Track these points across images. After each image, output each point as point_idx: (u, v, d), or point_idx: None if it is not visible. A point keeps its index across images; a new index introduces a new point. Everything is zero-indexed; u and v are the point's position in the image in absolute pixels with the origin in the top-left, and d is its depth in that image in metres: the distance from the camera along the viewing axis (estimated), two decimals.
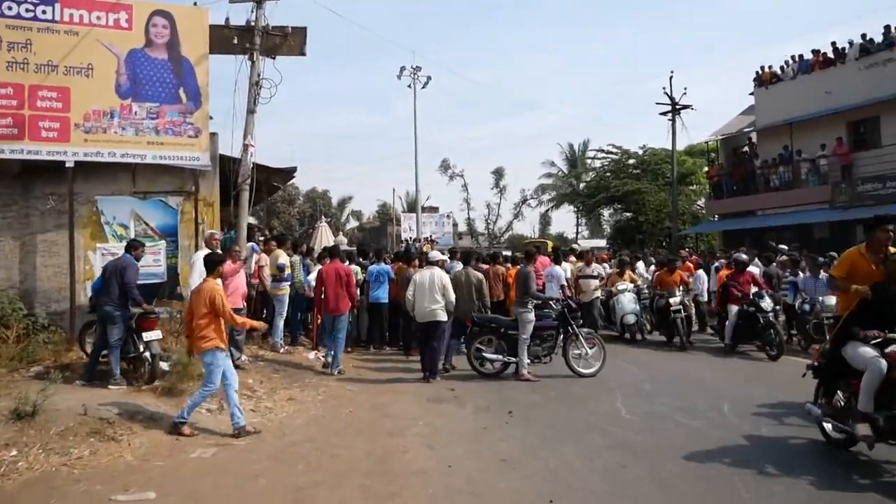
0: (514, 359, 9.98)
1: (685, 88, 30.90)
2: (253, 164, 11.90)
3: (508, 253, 20.28)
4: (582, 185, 46.57)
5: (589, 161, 47.40)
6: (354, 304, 11.53)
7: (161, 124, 11.26)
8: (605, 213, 46.84)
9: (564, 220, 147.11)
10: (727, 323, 12.26)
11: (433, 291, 9.95)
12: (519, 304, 10.04)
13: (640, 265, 16.42)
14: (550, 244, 27.86)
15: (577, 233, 56.03)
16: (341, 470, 5.95)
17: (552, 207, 54.38)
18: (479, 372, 10.15)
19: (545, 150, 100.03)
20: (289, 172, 14.64)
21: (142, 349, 8.67)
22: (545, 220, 58.56)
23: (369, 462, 6.16)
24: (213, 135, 11.77)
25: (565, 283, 12.93)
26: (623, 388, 9.20)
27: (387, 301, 12.73)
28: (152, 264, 11.20)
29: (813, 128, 23.67)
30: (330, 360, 10.59)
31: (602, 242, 39.58)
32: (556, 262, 13.51)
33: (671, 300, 12.89)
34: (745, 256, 13.22)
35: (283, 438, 6.94)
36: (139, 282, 10.48)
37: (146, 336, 8.58)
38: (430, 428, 7.32)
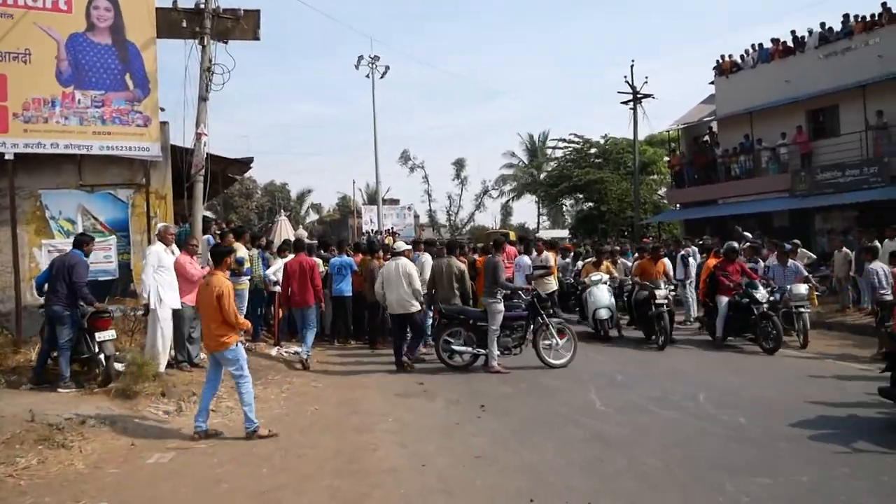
0: (483, 350, 9.75)
1: (646, 77, 30.73)
2: (207, 154, 11.41)
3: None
4: (543, 175, 46.70)
5: (549, 151, 47.62)
6: (320, 298, 11.33)
7: (107, 113, 10.66)
8: (567, 203, 47.13)
9: (526, 211, 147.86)
10: (718, 315, 11.47)
11: (400, 282, 9.87)
12: (488, 295, 9.80)
13: (622, 260, 15.61)
14: (513, 234, 27.78)
15: (539, 223, 56.43)
16: (308, 471, 5.64)
17: (513, 198, 54.60)
18: (448, 364, 9.90)
19: (506, 141, 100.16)
20: (245, 163, 14.12)
21: (95, 350, 8.16)
22: (506, 211, 58.90)
23: (338, 461, 5.85)
24: (164, 124, 11.22)
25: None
26: (596, 379, 9.04)
27: (350, 294, 12.46)
28: (103, 260, 10.64)
29: (773, 116, 23.88)
30: (305, 357, 10.45)
31: (564, 233, 39.74)
32: (526, 251, 13.31)
33: (657, 293, 11.46)
34: (735, 244, 12.67)
35: (244, 440, 6.57)
36: (90, 279, 10.00)
37: (99, 336, 8.08)
38: (400, 424, 7.05)
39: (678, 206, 30.05)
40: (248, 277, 11.36)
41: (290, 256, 12.00)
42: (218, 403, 7.90)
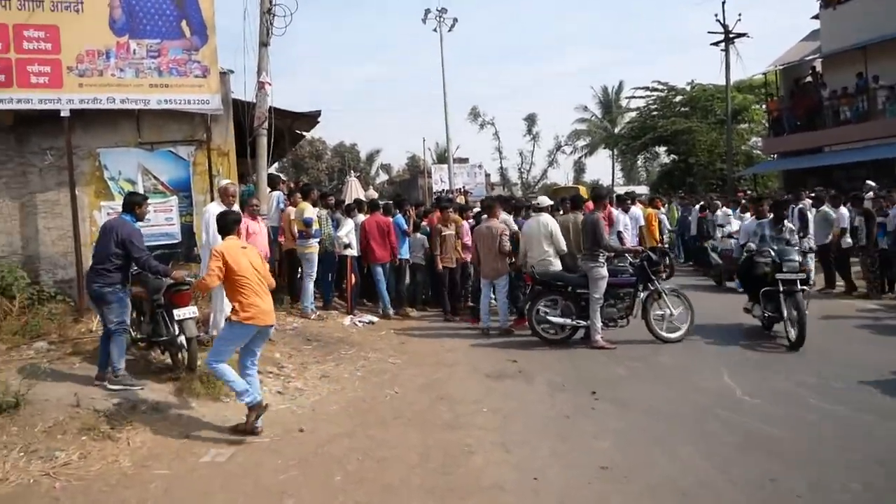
0: (584, 322, 8.50)
1: (739, 15, 27.97)
2: (271, 107, 10.42)
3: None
4: (620, 129, 44.45)
5: (625, 102, 45.22)
6: (395, 256, 11.06)
7: (164, 63, 9.75)
8: (640, 158, 44.73)
9: (599, 167, 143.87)
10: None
11: (541, 241, 9.10)
12: (588, 258, 8.49)
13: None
14: (583, 191, 26.11)
15: (613, 179, 54.10)
16: (391, 481, 4.58)
17: (586, 153, 52.56)
18: (543, 338, 8.69)
19: (578, 94, 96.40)
20: (313, 117, 13.08)
21: (175, 331, 6.72)
22: (579, 167, 56.86)
23: (426, 470, 4.76)
24: (225, 74, 10.24)
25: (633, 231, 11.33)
26: (723, 356, 7.68)
27: (406, 257, 11.50)
28: (164, 223, 9.86)
29: (891, 51, 21.16)
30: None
31: (641, 189, 37.58)
32: (624, 208, 11.88)
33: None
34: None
35: (315, 433, 5.58)
36: (151, 243, 9.20)
37: (178, 314, 6.60)
38: (498, 416, 5.90)
39: (775, 155, 27.62)
40: (318, 240, 10.39)
41: (361, 217, 11.41)
42: (286, 384, 6.98)
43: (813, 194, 14.84)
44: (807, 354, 7.64)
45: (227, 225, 5.91)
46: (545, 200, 9.96)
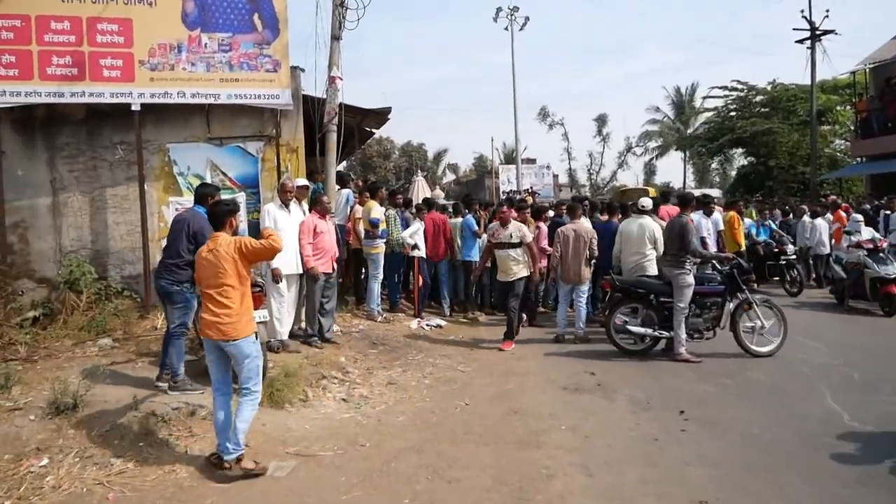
0: (666, 333, 7.91)
1: (827, 11, 26.37)
2: (341, 103, 10.18)
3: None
4: (694, 130, 43.07)
5: (699, 102, 43.78)
6: (451, 254, 11.12)
7: (235, 58, 9.64)
8: (715, 161, 43.18)
9: (670, 169, 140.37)
10: None
11: (643, 243, 8.88)
12: (673, 264, 7.90)
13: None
14: (653, 192, 25.16)
15: (685, 181, 52.39)
16: None
17: (657, 155, 51.26)
18: (621, 349, 8.14)
19: (651, 95, 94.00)
20: (383, 114, 12.80)
21: None
22: (650, 169, 55.43)
23: (501, 494, 4.33)
24: (295, 69, 10.06)
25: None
26: (822, 374, 6.99)
27: (474, 259, 10.94)
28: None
29: None
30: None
31: (714, 191, 36.07)
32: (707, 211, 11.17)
33: None
34: None
35: (381, 446, 5.23)
36: None
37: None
38: (578, 435, 5.41)
39: (861, 159, 26.01)
40: (385, 240, 10.09)
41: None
42: (351, 390, 6.66)
43: None
44: None
45: (217, 216, 4.94)
46: (648, 202, 9.48)
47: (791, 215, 15.54)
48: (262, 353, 4.98)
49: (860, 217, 12.17)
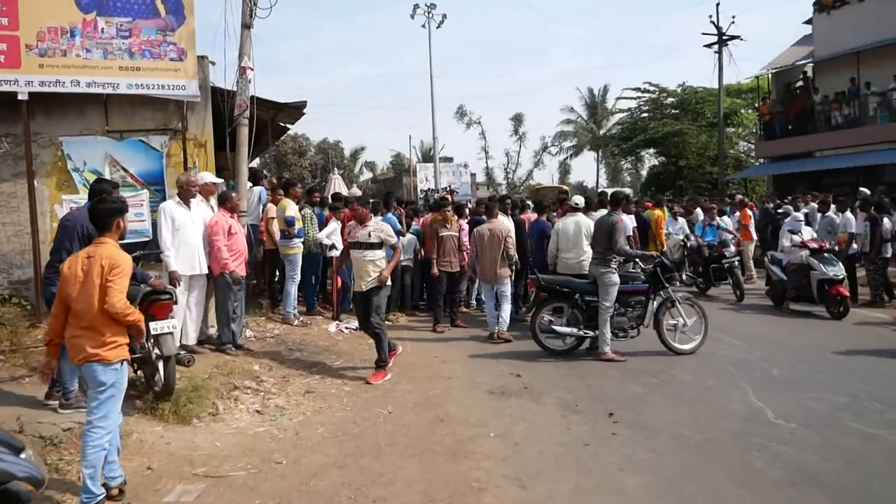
0: (591, 333, 7.83)
1: (733, 17, 27.41)
2: (254, 96, 9.64)
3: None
4: (607, 130, 44.15)
5: (612, 104, 44.97)
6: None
7: (135, 44, 8.94)
8: (626, 161, 44.41)
9: (583, 169, 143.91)
10: None
11: (581, 240, 8.80)
12: (600, 263, 7.82)
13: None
14: (567, 189, 25.64)
15: (598, 181, 53.74)
16: None
17: (572, 155, 52.43)
18: (546, 349, 8.01)
19: (564, 96, 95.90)
20: (298, 108, 12.27)
21: (149, 347, 5.63)
22: (564, 168, 56.61)
23: None
24: (202, 58, 9.43)
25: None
26: (742, 370, 7.05)
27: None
28: (134, 219, 8.89)
29: (884, 57, 20.88)
30: None
31: (626, 191, 37.01)
32: (624, 210, 11.21)
33: None
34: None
35: (299, 462, 4.84)
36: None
37: (155, 327, 5.52)
38: (507, 443, 5.17)
39: (763, 160, 27.21)
40: (301, 240, 9.63)
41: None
42: (265, 401, 6.23)
43: (823, 198, 14.35)
44: (832, 370, 7.02)
45: (101, 216, 4.20)
46: (581, 200, 9.56)
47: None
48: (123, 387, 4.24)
49: (801, 216, 11.87)
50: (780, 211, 14.93)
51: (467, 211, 11.17)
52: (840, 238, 11.48)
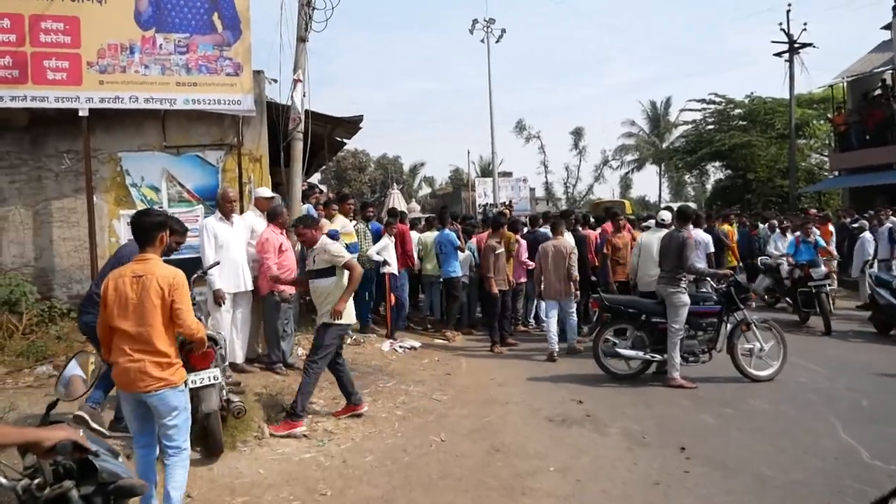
0: (658, 356, 7.33)
1: (805, 24, 26.25)
2: (309, 111, 9.53)
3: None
4: (670, 143, 43.10)
5: (674, 116, 43.93)
6: (410, 264, 10.62)
7: (193, 60, 8.97)
8: (689, 175, 43.21)
9: (645, 183, 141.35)
10: None
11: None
12: (669, 282, 7.32)
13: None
14: (629, 206, 24.87)
15: (660, 195, 52.48)
16: None
17: (634, 169, 51.34)
18: (609, 372, 7.53)
19: (626, 109, 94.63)
20: (354, 123, 12.15)
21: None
22: (626, 183, 55.48)
23: None
24: (259, 73, 9.41)
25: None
26: (827, 401, 6.44)
27: (458, 275, 10.47)
28: (189, 234, 8.95)
29: None
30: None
31: (691, 205, 35.85)
32: (696, 224, 10.64)
33: None
34: None
35: (344, 494, 4.54)
36: (175, 256, 8.42)
37: (194, 379, 4.71)
38: (568, 479, 4.74)
39: (838, 172, 25.86)
40: (355, 256, 9.41)
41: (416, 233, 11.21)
42: (314, 424, 5.97)
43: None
44: None
45: (144, 230, 3.97)
46: (667, 215, 8.89)
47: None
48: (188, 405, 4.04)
49: None
50: (855, 226, 13.99)
51: (523, 227, 10.85)
52: None
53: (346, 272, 5.94)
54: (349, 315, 6.07)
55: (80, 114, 8.50)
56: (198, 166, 9.36)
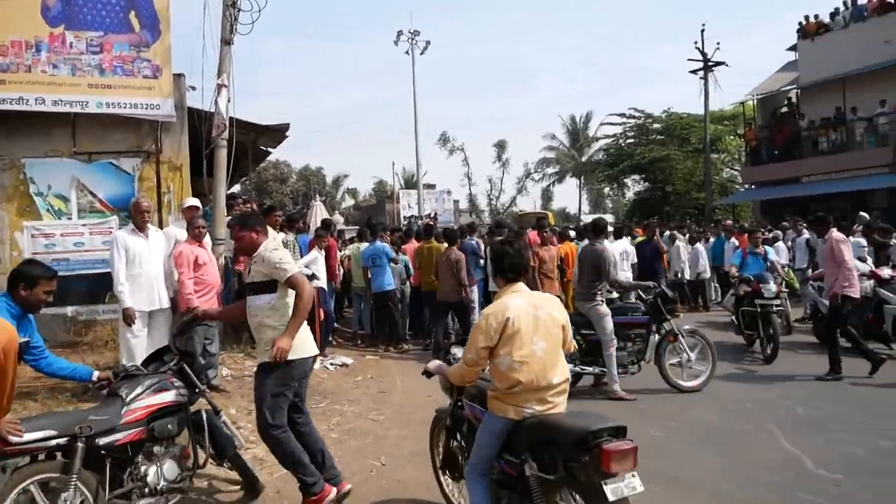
0: (590, 369, 7.26)
1: (718, 43, 27.40)
2: (233, 118, 9.07)
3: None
4: (586, 157, 44.21)
5: (594, 131, 45.12)
6: (333, 280, 10.38)
7: (107, 60, 8.42)
8: (608, 187, 44.41)
9: (565, 196, 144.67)
10: None
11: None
12: (584, 297, 7.25)
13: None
14: (552, 218, 25.30)
15: (580, 207, 53.71)
16: None
17: (555, 182, 52.36)
18: None
19: (546, 124, 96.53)
20: (280, 131, 11.72)
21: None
22: (547, 195, 56.44)
23: None
24: (179, 76, 8.94)
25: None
26: (765, 410, 6.50)
27: (392, 288, 10.32)
28: (102, 247, 8.37)
29: (869, 82, 20.97)
30: None
31: (608, 217, 36.81)
32: (616, 235, 10.73)
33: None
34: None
35: None
36: (85, 271, 7.79)
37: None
38: None
39: (750, 185, 27.07)
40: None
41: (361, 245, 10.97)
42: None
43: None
44: (858, 410, 6.48)
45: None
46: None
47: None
48: None
49: (864, 241, 10.24)
50: (769, 236, 14.50)
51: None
52: None
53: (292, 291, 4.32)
54: (303, 346, 4.40)
55: None
56: (112, 174, 8.78)
